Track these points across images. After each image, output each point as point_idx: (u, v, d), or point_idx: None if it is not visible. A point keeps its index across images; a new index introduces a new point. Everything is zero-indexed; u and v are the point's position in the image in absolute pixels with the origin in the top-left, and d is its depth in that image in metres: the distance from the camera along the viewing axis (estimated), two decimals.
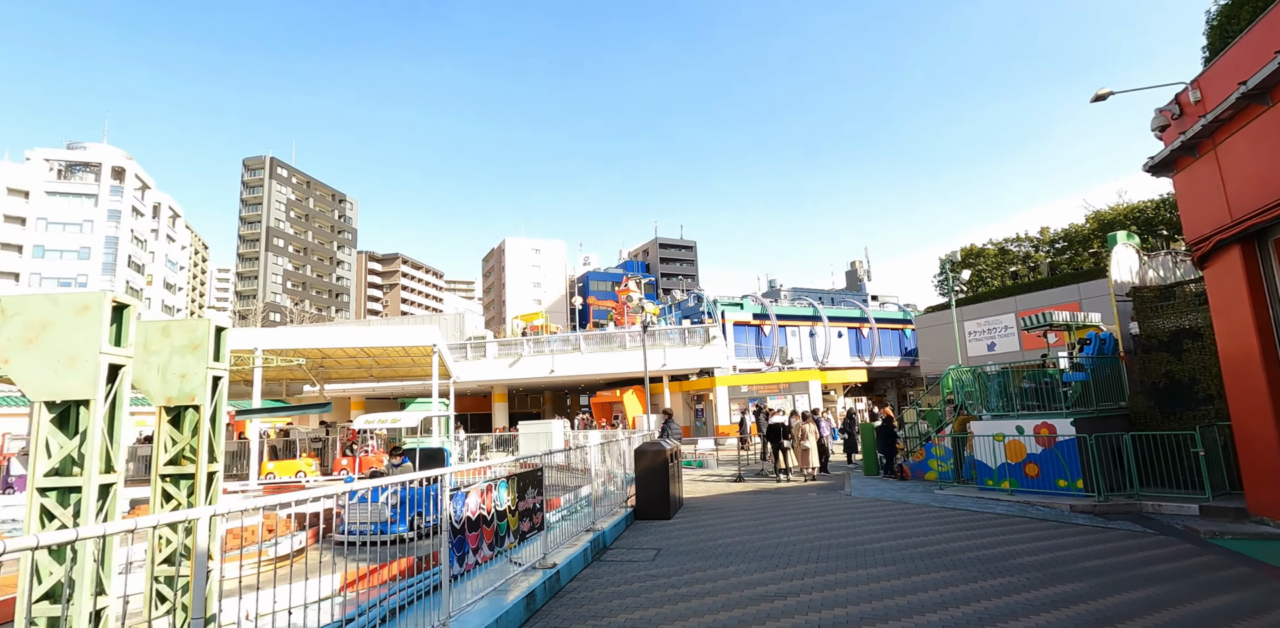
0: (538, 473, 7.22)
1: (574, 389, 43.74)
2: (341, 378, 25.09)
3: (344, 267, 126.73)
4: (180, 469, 4.43)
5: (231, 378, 23.95)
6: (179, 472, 4.42)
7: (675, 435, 14.60)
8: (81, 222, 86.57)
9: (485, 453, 25.12)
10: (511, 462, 7.45)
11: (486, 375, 35.81)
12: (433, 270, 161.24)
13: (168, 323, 4.54)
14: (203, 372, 4.42)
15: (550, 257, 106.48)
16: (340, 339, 18.80)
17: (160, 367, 4.42)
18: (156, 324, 4.53)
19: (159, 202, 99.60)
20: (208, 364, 4.44)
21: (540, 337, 37.96)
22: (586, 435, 22.78)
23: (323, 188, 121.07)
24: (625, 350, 35.45)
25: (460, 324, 41.80)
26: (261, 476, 19.69)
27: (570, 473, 12.81)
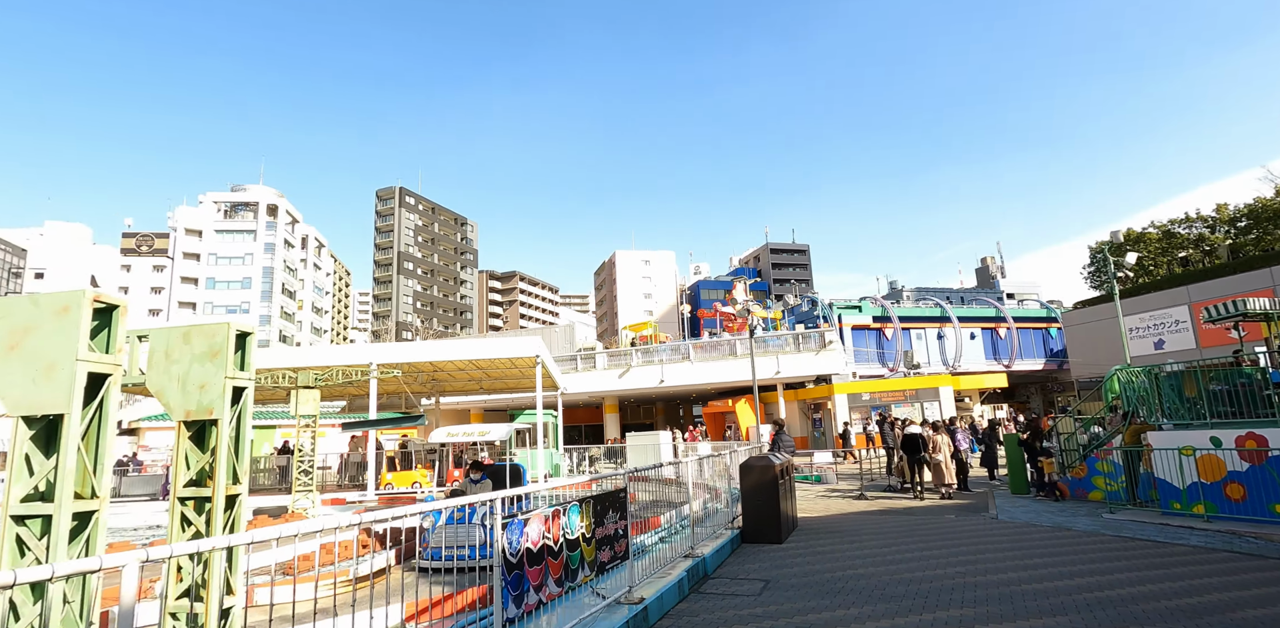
0: (619, 494, 6.39)
1: (685, 399, 42.86)
2: (455, 391, 25.68)
3: (467, 286, 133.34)
4: (200, 491, 3.95)
5: (350, 392, 25.12)
6: (199, 494, 3.94)
7: (788, 448, 13.34)
8: (243, 255, 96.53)
9: (594, 465, 24.73)
10: (585, 481, 6.66)
11: (596, 387, 35.71)
12: (548, 286, 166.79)
13: (189, 328, 4.11)
14: (221, 382, 3.93)
15: (660, 267, 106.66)
16: (446, 352, 19.05)
17: (180, 377, 4.00)
18: (178, 330, 4.12)
19: (306, 234, 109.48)
20: (226, 373, 3.95)
21: (649, 346, 37.47)
22: (695, 448, 21.80)
23: (446, 213, 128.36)
24: (736, 358, 34.15)
25: (570, 336, 42.19)
26: (380, 486, 20.31)
27: (676, 487, 11.94)
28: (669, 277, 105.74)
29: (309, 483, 13.84)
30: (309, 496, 13.90)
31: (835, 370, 33.15)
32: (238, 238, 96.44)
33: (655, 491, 10.58)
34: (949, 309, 41.95)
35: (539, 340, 18.92)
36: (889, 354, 40.02)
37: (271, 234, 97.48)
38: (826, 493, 16.72)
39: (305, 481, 13.81)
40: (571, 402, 40.28)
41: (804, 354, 33.50)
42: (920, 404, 31.63)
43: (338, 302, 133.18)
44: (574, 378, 35.93)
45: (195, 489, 4.01)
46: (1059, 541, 9.19)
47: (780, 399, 34.33)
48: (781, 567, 8.13)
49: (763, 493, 10.07)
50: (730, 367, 34.09)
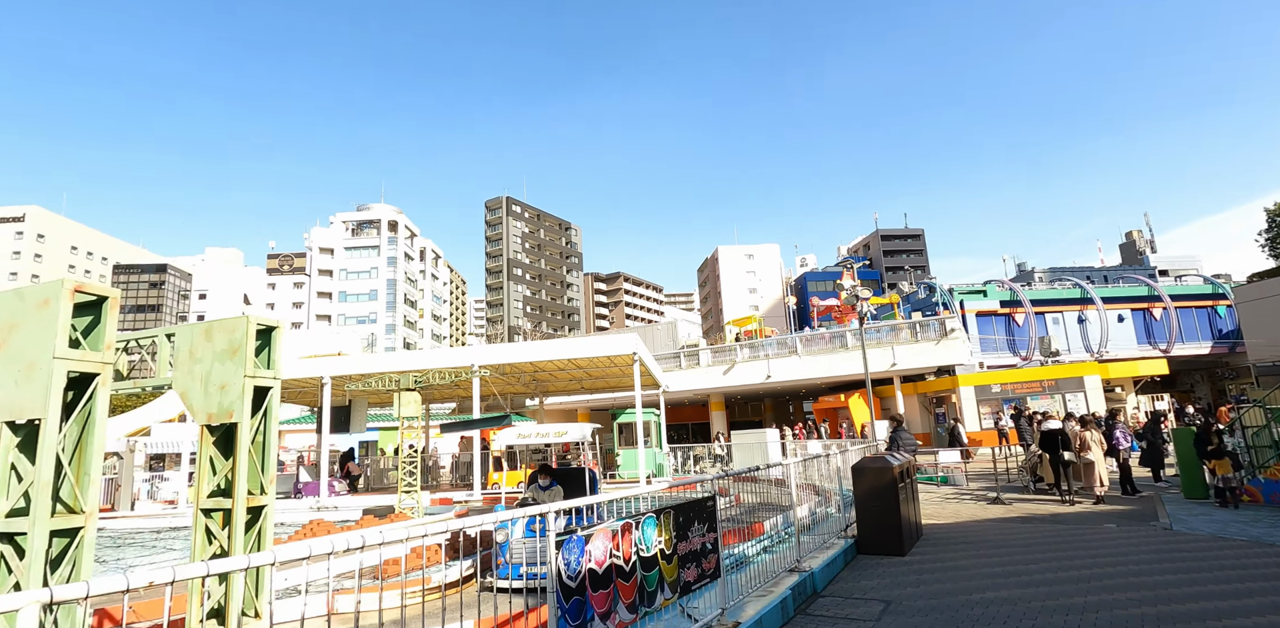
0: (706, 503, 5.63)
1: (795, 395, 41.15)
2: (559, 391, 25.78)
3: (573, 289, 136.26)
4: (226, 502, 3.58)
5: (458, 393, 25.75)
6: (225, 506, 3.58)
7: (909, 446, 12.01)
8: (369, 269, 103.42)
9: (698, 464, 23.98)
10: (663, 489, 5.93)
11: (700, 384, 34.90)
12: (652, 285, 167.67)
13: (210, 324, 3.78)
14: (240, 381, 3.54)
15: (764, 261, 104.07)
16: (544, 352, 18.97)
17: (203, 377, 3.67)
18: (201, 326, 3.80)
19: (424, 246, 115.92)
20: (246, 372, 3.56)
21: (754, 341, 36.19)
22: (805, 446, 20.52)
23: (551, 219, 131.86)
24: (847, 351, 32.24)
25: (673, 333, 41.63)
26: (488, 486, 20.58)
27: (781, 490, 10.97)
28: (774, 270, 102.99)
29: (413, 483, 14.01)
30: (414, 495, 14.08)
31: (959, 361, 30.49)
32: (364, 253, 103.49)
33: (761, 492, 9.70)
34: (1090, 289, 37.66)
35: (635, 338, 18.43)
36: (1020, 341, 36.48)
37: (393, 248, 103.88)
38: (955, 496, 15.07)
39: (410, 481, 14.00)
40: (676, 400, 39.70)
41: (922, 344, 31.06)
42: (1061, 396, 28.44)
43: (455, 309, 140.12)
44: (677, 376, 35.31)
45: (220, 500, 3.64)
46: (1262, 561, 7.46)
47: (897, 393, 32.04)
48: (904, 585, 7.05)
49: (880, 498, 8.95)
50: (841, 360, 32.22)
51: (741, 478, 9.02)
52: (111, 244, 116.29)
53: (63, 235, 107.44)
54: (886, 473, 8.91)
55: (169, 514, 18.67)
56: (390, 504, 14.71)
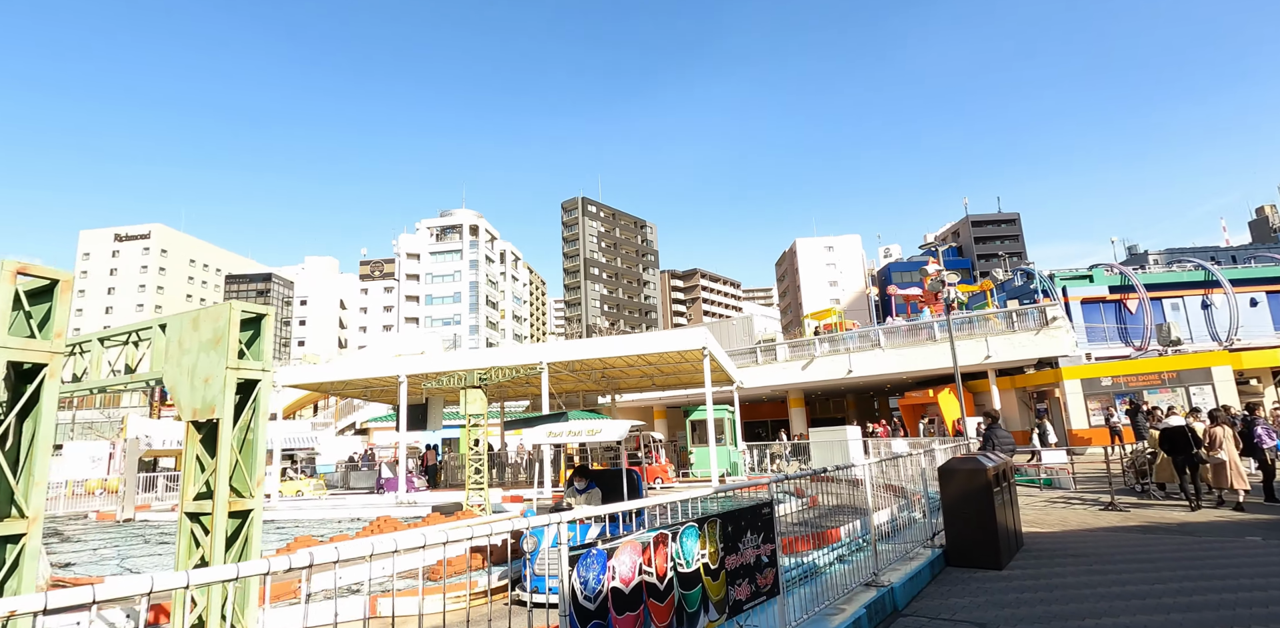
0: (762, 509, 5.00)
1: (879, 390, 39.24)
2: (630, 388, 25.45)
3: (650, 286, 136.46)
4: (207, 507, 3.28)
5: (530, 391, 25.83)
6: (207, 510, 3.27)
7: (1006, 445, 10.86)
8: (452, 272, 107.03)
9: (775, 463, 23.05)
10: (710, 493, 5.32)
11: (777, 380, 33.77)
12: (730, 281, 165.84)
13: (198, 313, 3.51)
14: (222, 374, 3.23)
15: (845, 253, 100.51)
16: (612, 348, 18.64)
17: (190, 369, 3.38)
18: (189, 315, 3.53)
19: (504, 249, 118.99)
20: (229, 363, 3.25)
21: (834, 335, 34.70)
22: (889, 444, 19.29)
23: (626, 217, 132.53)
24: (935, 343, 30.31)
25: (748, 328, 40.56)
26: (560, 483, 20.48)
27: (861, 491, 10.12)
28: (855, 262, 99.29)
29: (481, 481, 13.95)
30: (482, 492, 14.02)
31: (1062, 352, 28.05)
32: (447, 257, 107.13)
33: (840, 493, 8.91)
34: (1217, 271, 33.92)
35: (705, 332, 17.79)
36: (1134, 330, 33.30)
37: (474, 252, 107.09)
38: (1062, 501, 13.62)
39: (477, 479, 13.94)
40: (753, 396, 38.65)
41: (1020, 335, 28.78)
42: (1185, 389, 25.67)
43: (535, 309, 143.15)
44: (753, 371, 34.32)
45: (206, 504, 3.34)
46: None
47: (992, 387, 29.86)
48: (1002, 605, 6.15)
49: (972, 503, 7.99)
50: (928, 352, 30.35)
51: (820, 478, 8.33)
52: (224, 256, 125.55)
53: (182, 250, 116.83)
54: (979, 475, 7.95)
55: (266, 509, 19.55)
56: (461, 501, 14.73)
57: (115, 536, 14.70)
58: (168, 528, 15.64)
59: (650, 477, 19.57)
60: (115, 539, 13.89)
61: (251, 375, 3.43)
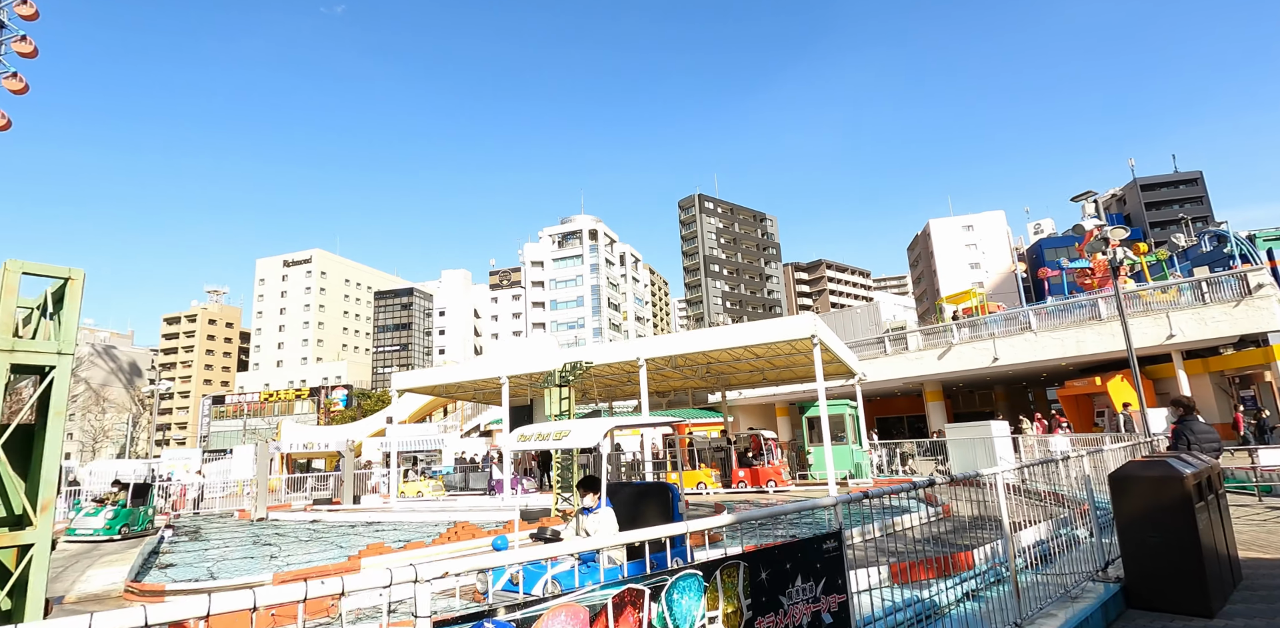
0: (823, 544, 3.50)
1: (1033, 380, 34.64)
2: (741, 383, 23.84)
3: (772, 280, 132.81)
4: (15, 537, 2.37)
5: (633, 391, 24.87)
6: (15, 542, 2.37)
7: (1207, 443, 8.32)
8: (574, 277, 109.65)
9: (907, 463, 20.49)
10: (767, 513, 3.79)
11: (910, 371, 30.61)
12: (858, 271, 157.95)
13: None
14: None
15: (987, 231, 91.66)
16: (711, 340, 17.20)
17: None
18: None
19: (623, 251, 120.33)
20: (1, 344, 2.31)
21: (975, 319, 30.97)
22: (1046, 442, 16.35)
23: (745, 212, 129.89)
24: (1100, 323, 26.04)
25: (875, 316, 37.35)
26: None
27: (1013, 499, 8.03)
28: (999, 241, 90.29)
29: (568, 485, 13.06)
30: (573, 498, 13.11)
31: (1273, 326, 22.98)
32: (569, 263, 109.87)
33: (982, 501, 7.04)
34: None
35: (813, 318, 15.92)
36: None
37: (594, 256, 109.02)
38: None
39: (563, 483, 13.07)
40: (884, 390, 35.48)
41: (1213, 308, 23.96)
42: None
43: (658, 310, 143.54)
44: (881, 363, 31.37)
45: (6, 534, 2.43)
46: None
47: (1179, 373, 25.10)
48: None
49: (1161, 523, 5.86)
50: (1092, 334, 26.11)
51: (962, 482, 6.59)
52: (373, 275, 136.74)
53: (339, 271, 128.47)
54: (1171, 485, 5.80)
55: (377, 509, 19.97)
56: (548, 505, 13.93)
57: (242, 535, 15.38)
58: (285, 529, 16.19)
59: (762, 479, 17.93)
60: (239, 538, 14.47)
61: (38, 360, 2.48)
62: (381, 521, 16.66)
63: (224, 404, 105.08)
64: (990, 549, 6.98)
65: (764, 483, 17.86)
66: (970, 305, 35.64)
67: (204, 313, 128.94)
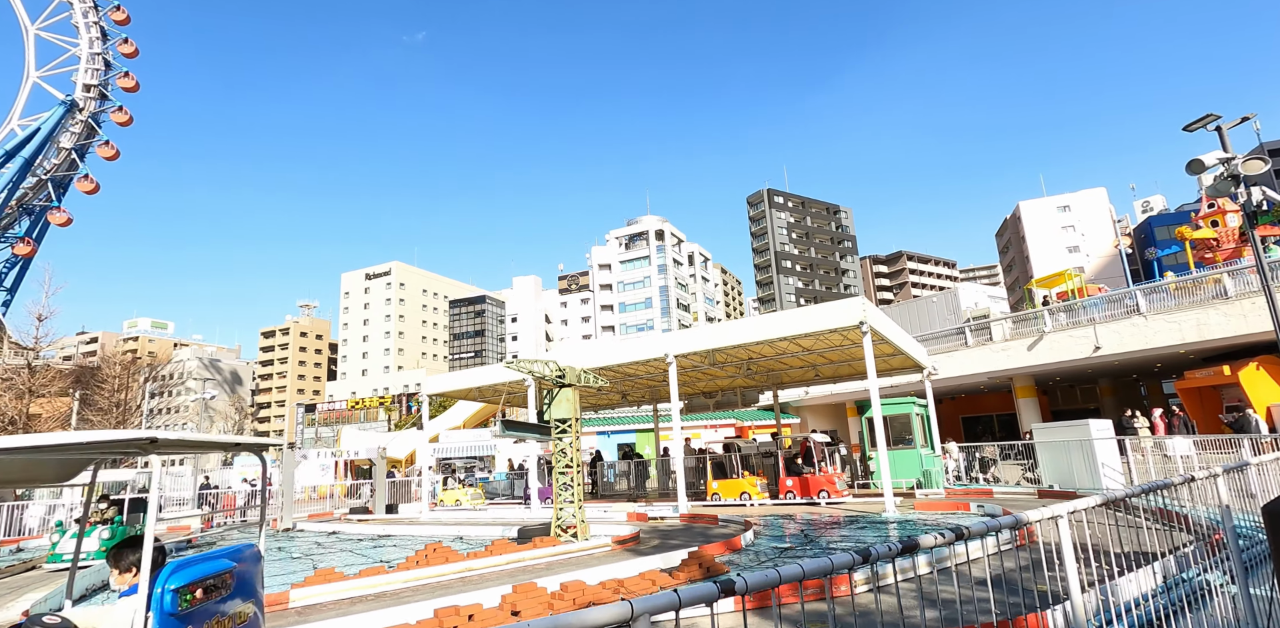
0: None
1: (1145, 371, 30.29)
2: (793, 381, 21.52)
3: (849, 275, 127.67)
4: None
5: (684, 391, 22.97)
6: None
7: None
8: (642, 279, 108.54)
9: (988, 470, 17.60)
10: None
11: (995, 365, 27.26)
12: (943, 261, 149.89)
13: None
14: None
15: (1087, 211, 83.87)
16: (747, 332, 15.13)
17: None
18: None
19: (691, 251, 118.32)
20: None
21: (1072, 303, 27.28)
22: (1163, 445, 13.34)
23: (817, 205, 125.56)
24: (1226, 302, 22.10)
25: (953, 304, 33.84)
26: (708, 496, 17.26)
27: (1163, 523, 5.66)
28: (1102, 221, 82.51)
29: (571, 498, 11.39)
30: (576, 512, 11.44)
31: None
32: (636, 265, 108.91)
33: (1093, 524, 4.81)
34: None
35: (861, 302, 13.64)
36: None
37: (661, 256, 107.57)
38: None
39: (567, 496, 11.40)
40: (969, 386, 32.00)
41: None
42: None
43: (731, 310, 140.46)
44: (962, 356, 28.15)
45: None
46: None
47: None
48: None
49: None
50: (1216, 316, 22.18)
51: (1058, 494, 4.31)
52: (449, 284, 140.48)
53: (416, 282, 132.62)
54: None
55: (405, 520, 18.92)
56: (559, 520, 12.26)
57: (282, 544, 14.58)
58: (299, 541, 15.30)
59: (813, 489, 15.67)
60: None
61: None
62: (395, 534, 15.53)
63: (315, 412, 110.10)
64: (1072, 607, 4.79)
65: (815, 493, 15.60)
66: (1065, 289, 31.63)
67: (295, 326, 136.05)
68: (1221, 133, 8.71)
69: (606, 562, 9.11)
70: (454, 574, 8.80)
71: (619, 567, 8.21)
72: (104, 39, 51.04)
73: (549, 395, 11.59)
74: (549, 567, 9.21)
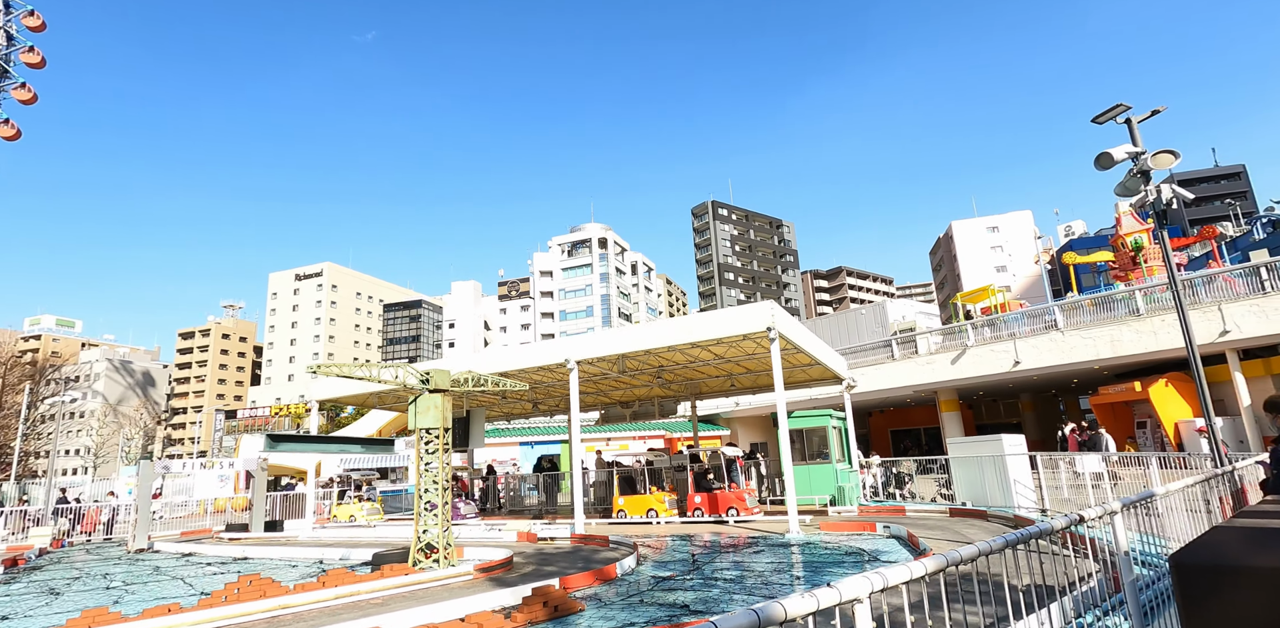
0: None
1: (1063, 387, 30.78)
2: (713, 391, 20.63)
3: (790, 288, 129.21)
4: None
5: (596, 401, 21.83)
6: None
7: None
8: (584, 287, 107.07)
9: (905, 487, 17.00)
10: None
11: (920, 378, 27.10)
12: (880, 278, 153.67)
13: None
14: None
15: (1013, 233, 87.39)
16: (651, 336, 14.10)
17: None
18: None
19: (635, 260, 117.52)
20: None
21: (994, 318, 27.41)
22: (1074, 462, 12.86)
23: (760, 218, 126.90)
24: (1138, 319, 22.39)
25: (881, 317, 33.82)
26: (614, 513, 16.04)
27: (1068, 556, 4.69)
28: (1026, 243, 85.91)
29: (435, 517, 10.00)
30: (441, 533, 10.06)
31: None
32: (578, 272, 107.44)
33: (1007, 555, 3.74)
34: None
35: (771, 306, 12.78)
36: None
37: (604, 265, 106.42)
38: None
39: (430, 514, 10.00)
40: (896, 399, 31.90)
41: (1274, 298, 20.22)
42: None
43: None
44: (889, 369, 27.93)
45: None
46: None
47: (1235, 375, 21.30)
48: None
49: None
50: (1129, 333, 22.44)
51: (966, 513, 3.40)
52: (384, 287, 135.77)
53: (349, 284, 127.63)
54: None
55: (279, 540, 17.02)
56: None
57: (82, 571, 12.58)
58: (146, 564, 13.33)
59: (722, 506, 14.67)
60: (61, 579, 11.65)
61: None
62: (255, 557, 13.76)
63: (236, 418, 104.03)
64: None
65: (724, 511, 14.60)
66: (989, 305, 31.97)
67: (217, 327, 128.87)
68: (1131, 125, 8.23)
69: (457, 595, 7.82)
70: (262, 614, 7.34)
71: (460, 603, 6.95)
72: (6, 10, 46.94)
73: (413, 402, 10.25)
74: (385, 602, 7.84)
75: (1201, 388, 8.38)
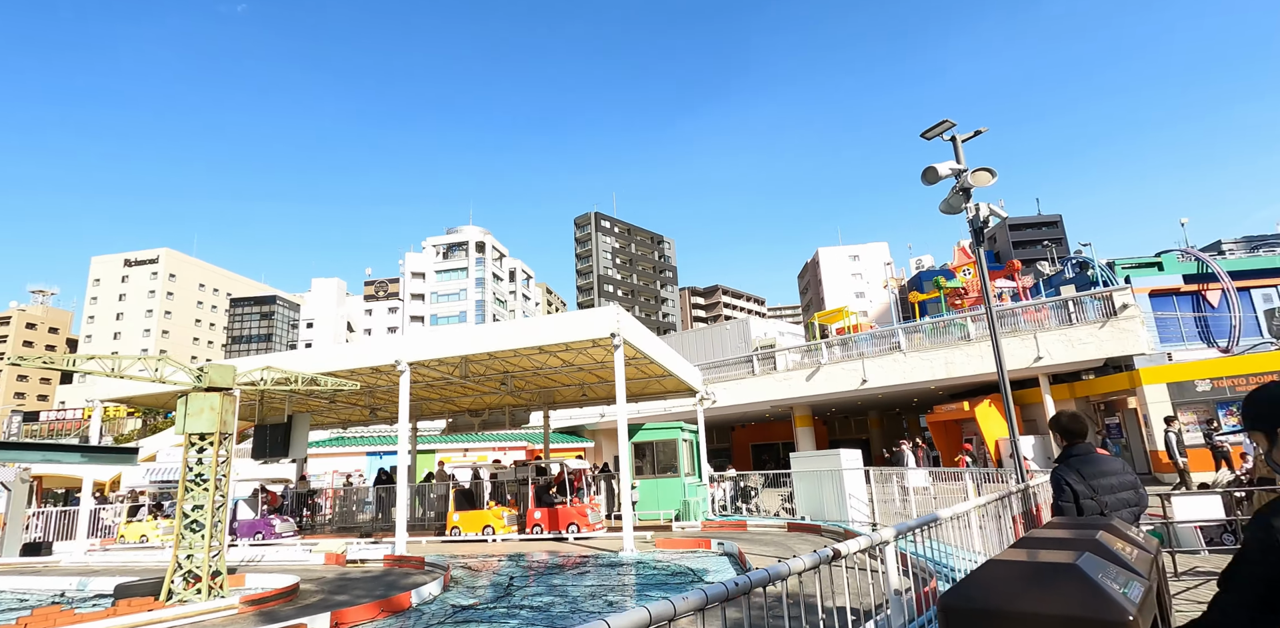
0: None
1: (905, 405, 32.86)
2: (565, 401, 19.88)
3: (668, 304, 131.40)
4: None
5: (444, 407, 20.40)
6: None
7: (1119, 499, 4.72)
8: (458, 291, 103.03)
9: (750, 501, 17.07)
10: None
11: (779, 393, 27.83)
12: (754, 298, 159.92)
13: None
14: None
15: (871, 262, 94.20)
16: (487, 339, 13.13)
17: None
18: None
19: (514, 267, 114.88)
20: None
21: (846, 338, 28.75)
22: (903, 476, 13.25)
23: (642, 233, 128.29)
24: (970, 343, 24.18)
25: (744, 333, 34.68)
26: (448, 529, 14.76)
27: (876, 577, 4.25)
28: (882, 272, 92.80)
29: (197, 542, 8.45)
30: (204, 560, 8.52)
31: (1137, 349, 21.69)
32: (453, 276, 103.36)
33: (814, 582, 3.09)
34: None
35: (616, 311, 12.22)
36: (1220, 326, 26.66)
37: (481, 269, 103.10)
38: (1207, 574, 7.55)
39: (195, 537, 8.44)
40: (756, 414, 32.65)
41: (1079, 329, 22.51)
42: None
43: None
44: (750, 384, 28.47)
45: None
46: None
47: (1045, 397, 23.53)
48: None
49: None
50: (961, 356, 24.19)
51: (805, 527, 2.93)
52: (233, 280, 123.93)
53: (191, 274, 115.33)
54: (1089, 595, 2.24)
55: (32, 566, 14.23)
56: None
57: None
58: None
59: (563, 522, 13.87)
60: None
61: None
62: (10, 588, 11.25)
63: (39, 421, 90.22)
64: None
65: (564, 527, 13.80)
66: (844, 325, 33.63)
67: (21, 315, 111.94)
68: (956, 143, 8.51)
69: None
70: None
71: None
72: None
73: (182, 401, 8.68)
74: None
75: (1009, 408, 8.72)
